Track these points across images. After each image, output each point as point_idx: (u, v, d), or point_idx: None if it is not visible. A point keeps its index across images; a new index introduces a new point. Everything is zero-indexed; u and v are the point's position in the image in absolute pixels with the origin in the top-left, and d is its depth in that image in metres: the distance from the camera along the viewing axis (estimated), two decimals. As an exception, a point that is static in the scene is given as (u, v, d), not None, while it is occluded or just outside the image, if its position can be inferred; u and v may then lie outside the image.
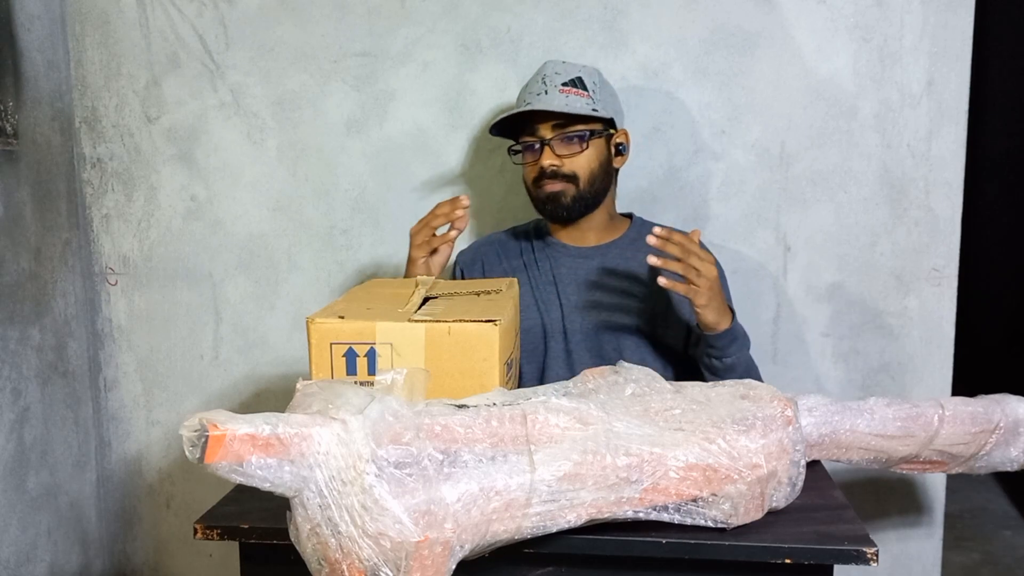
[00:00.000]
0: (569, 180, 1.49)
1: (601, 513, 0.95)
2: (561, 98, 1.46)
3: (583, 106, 1.47)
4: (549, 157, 1.48)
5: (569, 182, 1.49)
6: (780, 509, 1.04)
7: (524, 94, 1.52)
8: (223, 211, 1.92)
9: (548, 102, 1.46)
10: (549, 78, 1.50)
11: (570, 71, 1.51)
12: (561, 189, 1.49)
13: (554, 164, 1.48)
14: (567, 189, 1.49)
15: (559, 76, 1.50)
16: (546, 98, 1.47)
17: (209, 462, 0.79)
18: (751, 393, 1.08)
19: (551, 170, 1.48)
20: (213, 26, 1.86)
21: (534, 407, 0.96)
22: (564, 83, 1.48)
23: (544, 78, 1.50)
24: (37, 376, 1.79)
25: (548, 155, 1.48)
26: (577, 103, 1.46)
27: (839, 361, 1.82)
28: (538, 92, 1.48)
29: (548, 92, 1.47)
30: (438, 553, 0.84)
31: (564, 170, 1.48)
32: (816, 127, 1.76)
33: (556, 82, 1.49)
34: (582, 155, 1.49)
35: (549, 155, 1.48)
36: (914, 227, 1.77)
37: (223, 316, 1.95)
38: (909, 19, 1.71)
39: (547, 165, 1.48)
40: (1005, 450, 1.32)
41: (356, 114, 1.86)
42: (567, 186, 1.49)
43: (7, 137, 1.71)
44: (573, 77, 1.50)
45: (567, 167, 1.48)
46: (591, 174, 1.50)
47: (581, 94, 1.48)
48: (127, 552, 2.06)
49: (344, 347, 1.09)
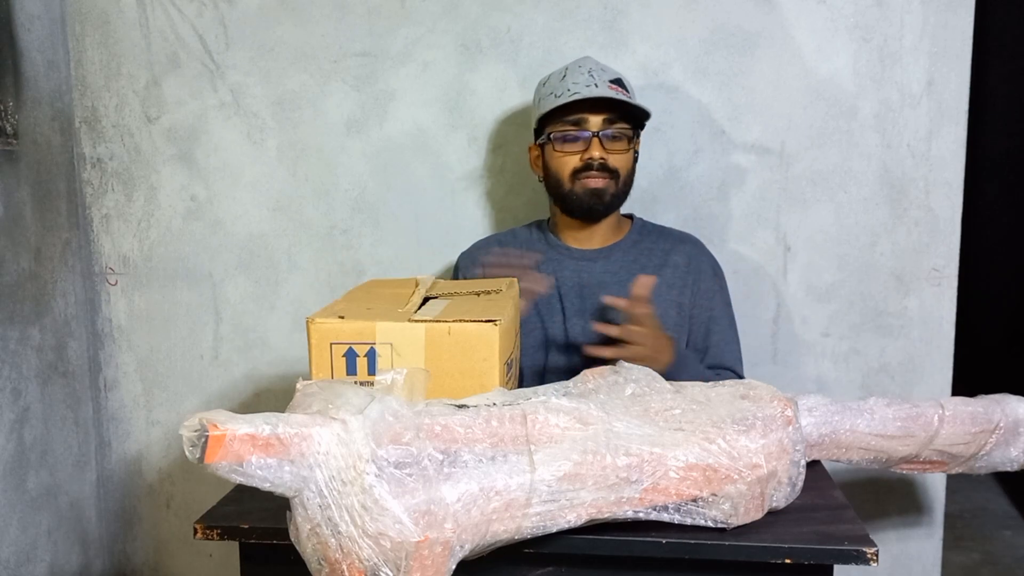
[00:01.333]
0: (612, 176, 1.49)
1: (601, 513, 0.95)
2: (611, 94, 1.46)
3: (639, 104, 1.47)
4: (598, 149, 1.47)
5: (611, 178, 1.49)
6: (780, 509, 1.04)
7: (567, 84, 1.49)
8: (223, 211, 1.92)
9: (605, 93, 1.45)
10: (596, 73, 1.49)
11: (611, 71, 1.51)
12: (604, 185, 1.48)
13: (604, 157, 1.47)
14: (609, 186, 1.49)
15: (604, 73, 1.50)
16: (599, 91, 1.46)
17: (209, 462, 0.79)
18: (751, 393, 1.08)
19: (600, 163, 1.47)
20: (213, 26, 1.86)
21: (534, 407, 0.96)
22: (611, 80, 1.48)
23: (591, 72, 1.49)
24: (37, 376, 1.79)
25: (597, 147, 1.47)
26: (634, 101, 1.47)
27: (839, 361, 1.82)
28: (587, 84, 1.47)
29: (599, 85, 1.47)
30: (438, 553, 0.84)
31: (609, 164, 1.48)
32: (816, 127, 1.76)
33: (604, 78, 1.48)
34: (627, 153, 1.50)
35: (598, 147, 1.47)
36: (914, 227, 1.77)
37: (223, 316, 1.95)
38: (909, 19, 1.71)
39: (597, 157, 1.47)
40: (1005, 450, 1.32)
41: (356, 114, 1.86)
42: (610, 182, 1.49)
43: (7, 137, 1.71)
44: (617, 77, 1.50)
45: (611, 162, 1.48)
46: (628, 174, 1.52)
47: (627, 95, 1.49)
48: (127, 552, 2.06)
49: (344, 347, 1.09)
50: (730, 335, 1.56)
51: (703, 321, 1.53)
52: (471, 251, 1.65)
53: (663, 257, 1.55)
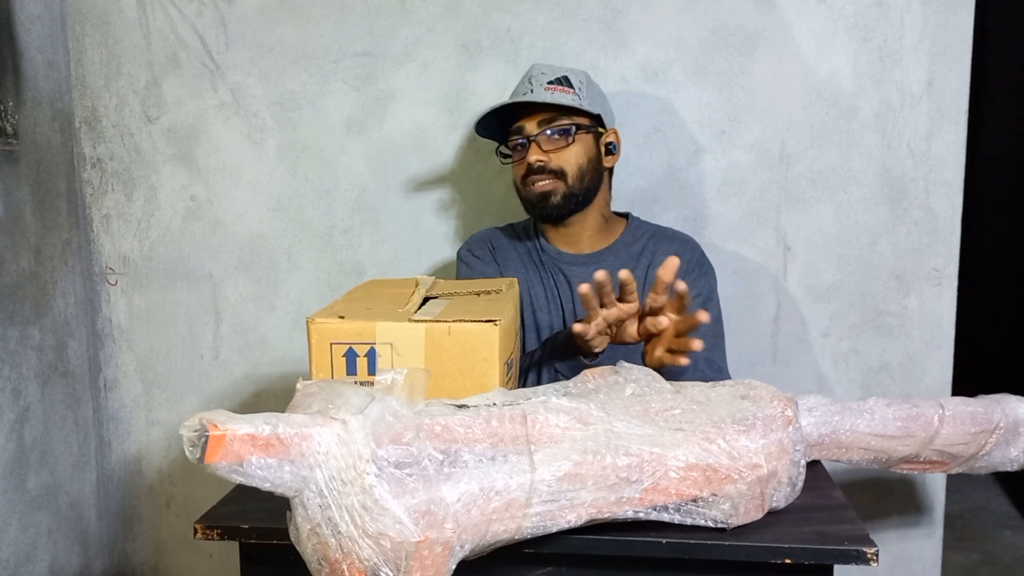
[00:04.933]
0: (557, 176, 1.47)
1: (601, 513, 0.95)
2: (546, 95, 1.46)
3: (567, 100, 1.46)
4: (536, 153, 1.46)
5: (558, 179, 1.47)
6: (780, 509, 1.04)
7: (512, 96, 1.51)
8: (223, 211, 1.92)
9: (535, 98, 1.45)
10: (535, 78, 1.50)
11: (556, 71, 1.51)
12: (551, 188, 1.47)
13: (541, 160, 1.46)
14: (557, 187, 1.47)
15: (545, 76, 1.50)
16: (531, 96, 1.46)
17: (209, 462, 0.79)
18: (751, 393, 1.08)
19: (538, 165, 1.46)
20: (213, 26, 1.86)
21: (534, 407, 0.96)
22: (550, 81, 1.48)
23: (531, 78, 1.50)
24: (37, 376, 1.79)
25: (535, 151, 1.47)
26: (562, 98, 1.46)
27: (839, 361, 1.82)
28: (524, 92, 1.48)
29: (534, 91, 1.47)
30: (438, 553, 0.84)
31: (551, 165, 1.46)
32: (816, 127, 1.76)
33: (542, 81, 1.48)
34: (568, 149, 1.47)
35: (536, 151, 1.47)
36: (914, 227, 1.77)
37: (223, 316, 1.95)
38: (909, 19, 1.71)
39: (533, 161, 1.46)
40: (1005, 450, 1.32)
41: (356, 114, 1.86)
42: (556, 183, 1.47)
43: (7, 137, 1.71)
44: (559, 76, 1.50)
45: (554, 162, 1.46)
46: (579, 170, 1.48)
47: (567, 91, 1.48)
48: (127, 552, 2.06)
49: (344, 347, 1.09)
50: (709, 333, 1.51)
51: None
52: (470, 242, 1.65)
53: (651, 258, 1.54)
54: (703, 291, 1.52)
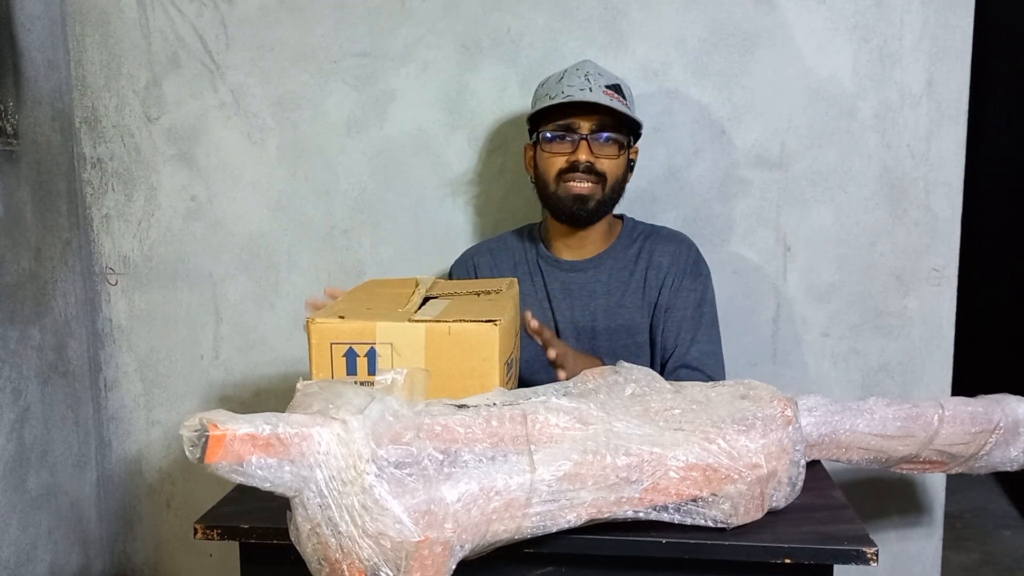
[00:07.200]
0: (599, 181, 1.47)
1: (601, 513, 0.95)
2: (606, 99, 1.45)
3: (626, 111, 1.46)
4: (586, 152, 1.46)
5: (598, 183, 1.47)
6: (780, 509, 1.04)
7: (562, 86, 1.48)
8: (223, 211, 1.92)
9: (598, 99, 1.44)
10: (592, 77, 1.48)
11: (609, 76, 1.50)
12: (589, 191, 1.47)
13: (591, 160, 1.46)
14: (595, 192, 1.47)
15: (602, 78, 1.49)
16: (592, 95, 1.45)
17: (209, 462, 0.79)
18: (751, 393, 1.08)
19: (586, 165, 1.46)
20: (213, 26, 1.86)
21: (534, 407, 0.96)
22: (608, 86, 1.47)
23: (587, 76, 1.48)
24: (37, 376, 1.79)
25: (585, 150, 1.46)
26: (623, 108, 1.46)
27: (839, 361, 1.82)
28: (581, 87, 1.46)
29: (593, 90, 1.46)
30: (438, 553, 0.84)
31: (598, 167, 1.47)
32: (816, 127, 1.76)
33: (600, 83, 1.47)
34: (616, 160, 1.48)
35: (586, 150, 1.46)
36: (914, 227, 1.77)
37: (223, 316, 1.95)
38: (909, 19, 1.71)
39: (583, 160, 1.46)
40: (1005, 450, 1.32)
41: (356, 114, 1.86)
42: (596, 187, 1.47)
43: (7, 137, 1.71)
44: (614, 83, 1.49)
45: (600, 166, 1.47)
46: (617, 181, 1.50)
47: (622, 102, 1.48)
48: (127, 552, 2.06)
49: (344, 347, 1.09)
50: (703, 334, 1.52)
51: (676, 320, 1.51)
52: (463, 258, 1.65)
53: (648, 259, 1.54)
54: (696, 292, 1.53)
